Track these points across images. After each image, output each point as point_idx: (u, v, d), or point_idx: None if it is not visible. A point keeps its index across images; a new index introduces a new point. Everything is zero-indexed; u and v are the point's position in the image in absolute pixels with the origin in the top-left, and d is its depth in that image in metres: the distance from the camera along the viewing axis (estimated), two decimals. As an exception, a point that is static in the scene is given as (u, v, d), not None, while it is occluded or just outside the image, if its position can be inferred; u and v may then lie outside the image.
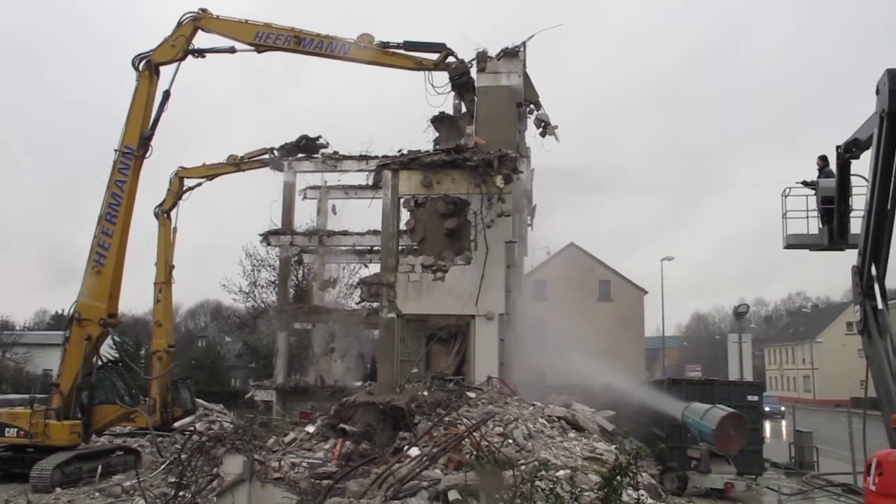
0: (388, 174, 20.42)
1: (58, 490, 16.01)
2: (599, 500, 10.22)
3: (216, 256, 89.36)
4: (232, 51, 19.77)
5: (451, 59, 19.11)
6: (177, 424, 24.73)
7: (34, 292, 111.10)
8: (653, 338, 64.48)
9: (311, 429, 16.26)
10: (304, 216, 32.72)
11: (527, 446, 13.07)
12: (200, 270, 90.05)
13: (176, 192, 26.43)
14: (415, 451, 12.07)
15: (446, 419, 13.79)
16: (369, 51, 19.07)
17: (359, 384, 28.59)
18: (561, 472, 11.19)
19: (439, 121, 22.55)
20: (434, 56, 19.16)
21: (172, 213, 26.49)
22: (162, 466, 17.01)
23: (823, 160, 14.01)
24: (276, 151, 28.21)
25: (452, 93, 19.95)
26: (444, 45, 19.13)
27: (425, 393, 16.26)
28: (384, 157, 22.58)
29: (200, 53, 19.80)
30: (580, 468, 12.07)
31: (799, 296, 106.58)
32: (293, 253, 30.97)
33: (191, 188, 26.89)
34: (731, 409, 16.76)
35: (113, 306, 18.85)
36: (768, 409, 46.82)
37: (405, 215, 21.04)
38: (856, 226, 10.64)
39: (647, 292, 52.49)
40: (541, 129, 21.70)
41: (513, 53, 20.87)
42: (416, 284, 19.91)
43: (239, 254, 50.65)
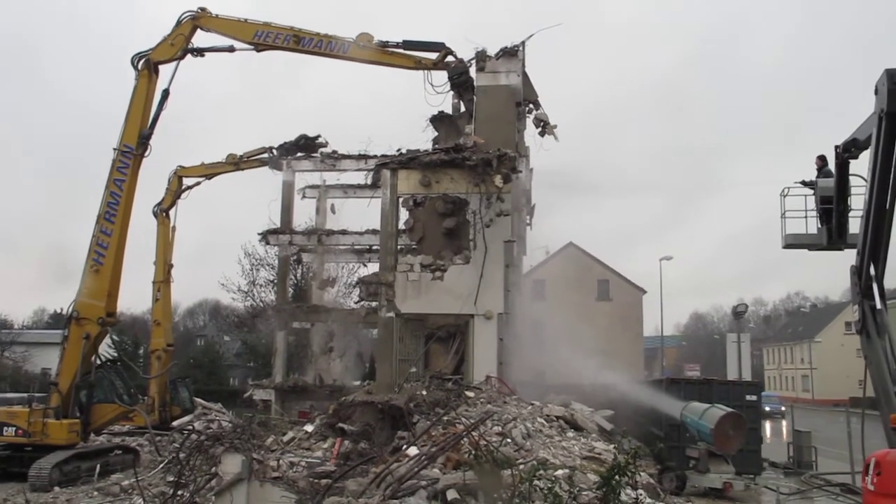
0: (387, 173, 20.40)
1: (56, 489, 16.00)
2: (598, 499, 10.22)
3: (215, 255, 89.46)
4: (231, 50, 19.76)
5: (450, 58, 19.10)
6: (175, 423, 24.72)
7: (33, 291, 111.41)
8: (651, 337, 64.52)
9: (309, 428, 16.27)
10: (303, 215, 32.73)
11: (525, 446, 13.09)
12: (199, 269, 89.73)
13: (175, 191, 26.44)
14: (413, 451, 12.08)
15: (445, 418, 13.79)
16: (368, 50, 19.07)
17: (357, 383, 28.60)
18: (559, 472, 11.22)
19: (438, 120, 22.54)
20: (433, 55, 19.15)
21: (171, 212, 26.51)
22: (160, 465, 17.02)
23: (822, 160, 13.98)
24: (275, 151, 28.19)
25: (451, 92, 19.96)
26: (443, 44, 19.12)
27: (424, 392, 16.27)
28: (383, 156, 22.53)
29: (199, 52, 19.78)
30: (579, 467, 12.08)
31: (798, 295, 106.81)
32: (292, 252, 30.95)
33: (190, 187, 26.88)
34: (729, 409, 16.78)
35: (112, 305, 18.85)
36: (769, 408, 46.80)
37: (404, 214, 21.06)
38: (854, 226, 10.64)
39: (645, 292, 52.52)
40: (540, 129, 21.69)
41: (512, 53, 20.86)
42: (415, 284, 19.91)
43: (238, 253, 50.57)
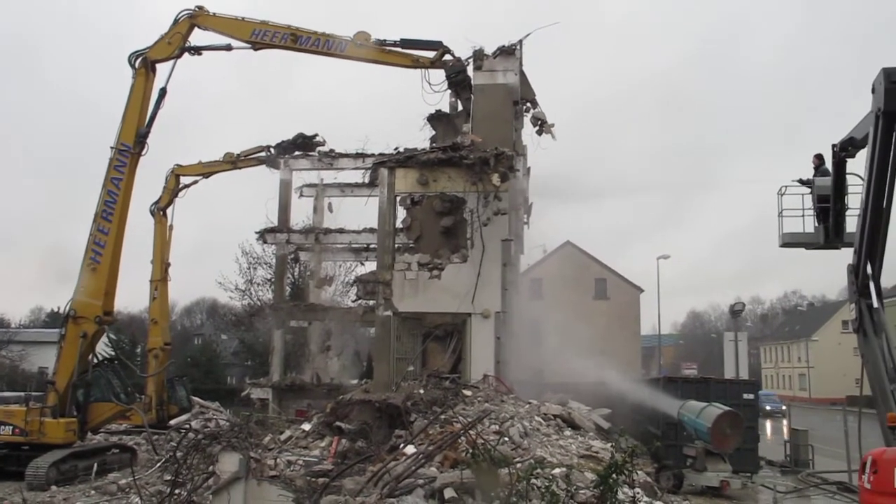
0: (384, 172, 20.39)
1: (53, 488, 15.98)
2: (595, 497, 10.23)
3: (212, 254, 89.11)
4: (228, 48, 19.72)
5: (447, 56, 19.08)
6: (173, 422, 24.64)
7: (30, 290, 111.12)
8: (649, 336, 64.65)
9: (307, 427, 16.29)
10: (301, 214, 32.75)
11: (523, 444, 13.10)
12: (196, 268, 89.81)
13: (172, 190, 26.40)
14: (411, 449, 12.08)
15: (442, 417, 13.80)
16: (366, 49, 19.04)
17: (355, 382, 28.63)
18: (557, 470, 11.23)
19: (436, 119, 22.51)
20: (431, 54, 19.13)
21: (168, 210, 26.47)
22: (158, 464, 16.99)
23: (819, 159, 14.00)
24: (272, 149, 28.16)
25: (449, 91, 19.93)
26: (440, 42, 19.11)
27: (421, 391, 16.29)
28: (380, 154, 22.51)
29: (197, 51, 19.73)
30: (576, 466, 12.11)
31: (795, 294, 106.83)
32: (289, 251, 30.90)
33: (187, 186, 26.85)
34: (727, 408, 16.82)
35: (109, 304, 18.83)
36: (769, 407, 46.89)
37: (401, 213, 21.03)
38: (851, 224, 10.66)
39: (643, 290, 52.51)
40: (537, 128, 21.67)
41: (509, 51, 20.85)
42: (413, 282, 19.90)
43: (235, 251, 50.57)
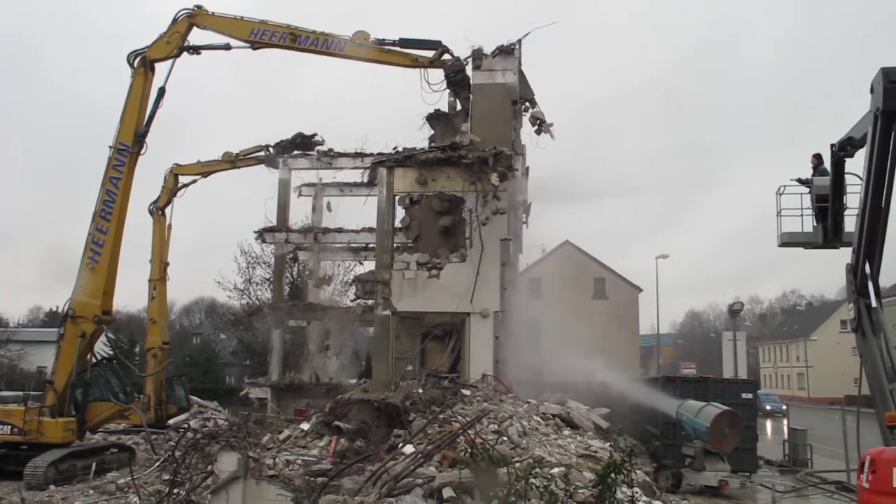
0: (383, 171, 20.38)
1: (52, 487, 15.99)
2: (594, 497, 10.23)
3: (211, 253, 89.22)
4: (227, 48, 19.70)
5: (446, 56, 19.07)
6: (171, 422, 24.65)
7: (28, 289, 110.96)
8: (647, 335, 64.72)
9: (305, 426, 16.29)
10: (300, 213, 32.73)
11: (521, 444, 13.09)
12: (195, 267, 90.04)
13: (171, 189, 26.37)
14: (409, 449, 12.08)
15: (441, 417, 13.79)
16: (365, 48, 19.03)
17: (354, 382, 28.63)
18: (555, 470, 11.22)
19: (434, 118, 22.50)
20: (430, 53, 19.12)
21: (167, 209, 26.43)
22: (156, 464, 17.00)
23: (818, 158, 13.99)
24: (271, 148, 28.16)
25: (448, 90, 19.92)
26: (439, 42, 19.10)
27: (420, 390, 16.28)
28: (379, 154, 22.48)
29: (196, 50, 19.72)
30: (574, 465, 12.10)
31: (793, 294, 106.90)
32: (288, 250, 30.90)
33: (186, 185, 26.83)
34: (725, 407, 16.84)
35: (107, 303, 18.83)
36: (769, 407, 46.85)
37: (400, 213, 21.02)
38: (850, 224, 10.66)
39: (641, 290, 52.58)
40: (536, 127, 21.68)
41: (508, 51, 20.83)
42: (411, 282, 19.89)
43: (234, 251, 50.65)
